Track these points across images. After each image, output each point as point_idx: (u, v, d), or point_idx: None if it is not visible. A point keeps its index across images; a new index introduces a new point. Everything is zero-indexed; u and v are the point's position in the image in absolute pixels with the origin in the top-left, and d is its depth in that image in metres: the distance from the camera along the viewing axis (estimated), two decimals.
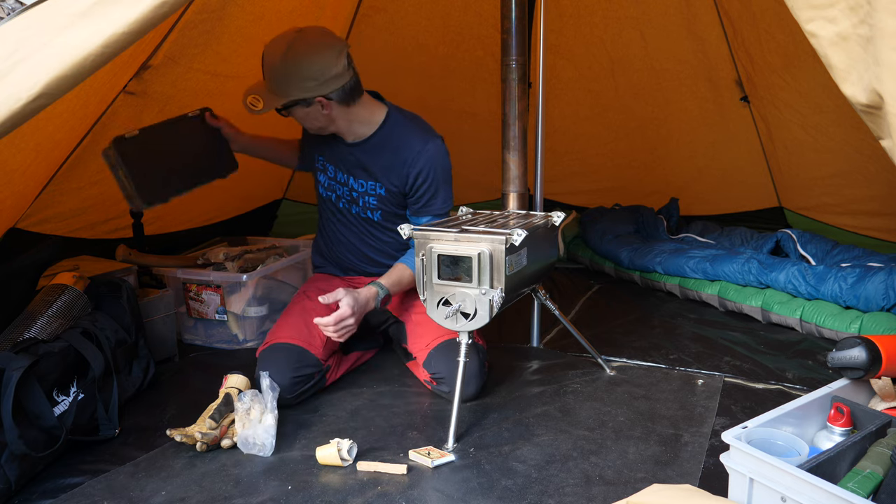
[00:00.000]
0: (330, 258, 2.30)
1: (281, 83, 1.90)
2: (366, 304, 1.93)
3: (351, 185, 2.11)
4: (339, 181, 2.13)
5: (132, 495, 1.55)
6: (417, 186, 2.03)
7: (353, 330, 1.92)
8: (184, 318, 2.53)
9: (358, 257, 2.22)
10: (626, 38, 3.48)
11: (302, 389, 1.95)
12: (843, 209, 3.23)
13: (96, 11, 1.18)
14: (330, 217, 2.22)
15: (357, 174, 2.09)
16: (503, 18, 2.16)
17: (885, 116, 1.03)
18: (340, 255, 2.25)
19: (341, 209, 2.17)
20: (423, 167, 2.00)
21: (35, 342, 1.69)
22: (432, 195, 2.05)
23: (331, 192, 2.16)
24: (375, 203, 2.10)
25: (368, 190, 2.09)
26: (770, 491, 1.20)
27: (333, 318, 1.85)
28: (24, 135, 1.82)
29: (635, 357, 2.30)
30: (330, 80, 1.90)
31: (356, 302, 1.88)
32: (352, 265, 2.25)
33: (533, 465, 1.63)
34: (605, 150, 3.96)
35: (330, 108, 1.95)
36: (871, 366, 1.44)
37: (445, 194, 2.06)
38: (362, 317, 1.94)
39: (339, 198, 2.15)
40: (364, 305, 1.92)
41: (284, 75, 1.88)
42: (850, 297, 2.38)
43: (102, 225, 2.82)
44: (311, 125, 2.03)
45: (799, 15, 1.10)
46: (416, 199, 2.06)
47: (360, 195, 2.11)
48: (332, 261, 2.29)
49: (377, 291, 1.96)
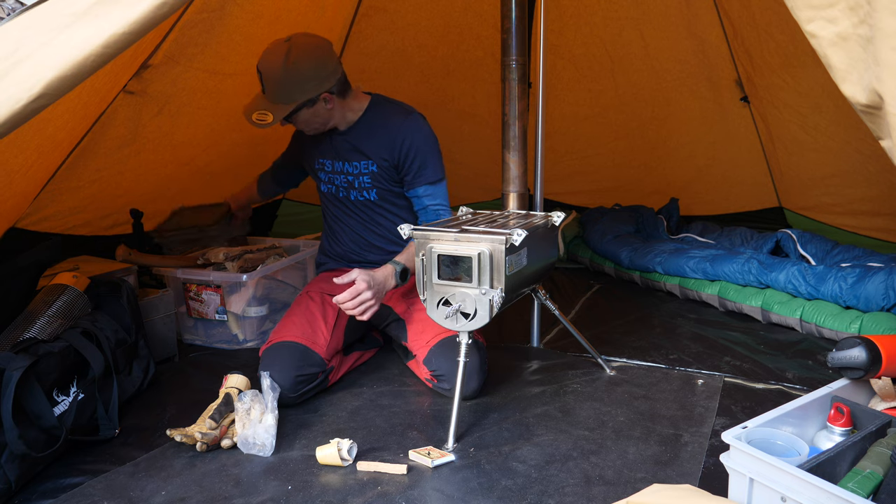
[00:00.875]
0: (333, 253, 2.34)
1: (285, 91, 1.98)
2: (384, 281, 1.97)
3: (346, 170, 2.19)
4: (336, 171, 2.21)
5: (132, 495, 1.55)
6: (405, 155, 2.10)
7: (375, 307, 1.94)
8: (184, 318, 2.53)
9: (360, 245, 2.27)
10: (626, 38, 3.48)
11: (305, 389, 1.95)
12: (843, 209, 3.23)
13: (96, 11, 1.18)
14: (332, 210, 2.29)
15: (350, 157, 2.17)
16: (503, 18, 2.16)
17: (885, 116, 1.03)
18: (343, 246, 2.30)
19: (341, 198, 2.24)
20: (406, 136, 2.09)
21: (35, 342, 1.69)
22: (422, 163, 2.11)
23: (331, 185, 2.25)
24: (370, 182, 2.17)
25: (362, 170, 2.17)
26: (770, 491, 1.20)
27: (349, 292, 1.88)
28: (26, 136, 1.82)
29: (635, 357, 2.30)
30: (329, 76, 2.02)
31: (372, 278, 1.92)
32: (355, 254, 2.28)
33: (533, 465, 1.63)
34: (605, 150, 3.96)
35: (332, 101, 2.06)
36: (871, 366, 1.44)
37: (435, 162, 2.14)
38: (383, 295, 1.98)
39: (339, 188, 2.23)
40: (382, 283, 1.96)
41: (288, 82, 1.97)
42: (850, 297, 2.38)
43: (101, 222, 2.82)
44: (313, 125, 2.10)
45: (799, 15, 1.10)
46: (407, 169, 2.12)
47: (355, 177, 2.18)
48: (336, 255, 2.33)
49: (393, 268, 2.00)
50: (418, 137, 2.10)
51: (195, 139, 2.92)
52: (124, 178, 2.74)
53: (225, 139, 3.07)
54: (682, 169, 3.84)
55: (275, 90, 1.98)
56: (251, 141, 3.19)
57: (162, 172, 2.91)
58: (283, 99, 1.98)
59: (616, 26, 3.45)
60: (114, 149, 2.57)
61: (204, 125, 2.89)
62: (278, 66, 1.95)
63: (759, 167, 3.59)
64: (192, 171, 3.04)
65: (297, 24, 2.81)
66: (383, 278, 1.97)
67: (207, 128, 2.93)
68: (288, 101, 1.98)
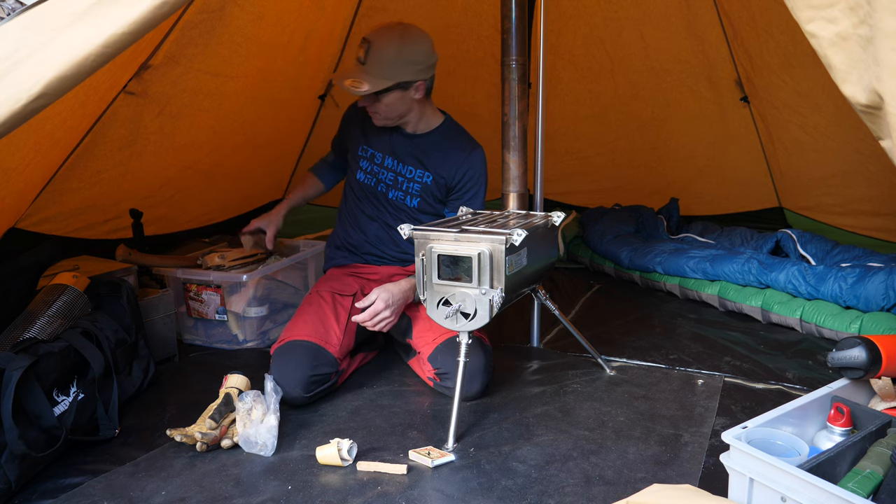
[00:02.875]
0: (348, 243, 2.34)
1: (392, 66, 2.02)
2: (403, 296, 2.02)
3: (399, 170, 2.22)
4: (385, 166, 2.23)
5: (132, 495, 1.55)
6: (464, 184, 2.18)
7: (392, 321, 2.02)
8: (184, 318, 2.53)
9: (381, 239, 2.28)
10: (626, 38, 3.48)
11: (318, 390, 1.95)
12: (843, 209, 3.23)
13: (96, 11, 1.18)
14: (363, 201, 2.29)
15: (408, 161, 2.21)
16: (503, 18, 2.16)
17: (885, 116, 1.03)
18: (363, 236, 2.30)
19: (379, 192, 2.25)
20: (470, 167, 2.17)
21: (35, 342, 1.69)
22: (473, 195, 2.19)
23: (372, 176, 2.25)
24: (419, 189, 2.21)
25: (416, 177, 2.21)
26: (770, 491, 1.20)
27: (369, 313, 1.96)
28: (23, 134, 1.81)
29: (635, 357, 2.30)
30: (430, 67, 2.11)
31: (391, 295, 1.99)
32: (373, 246, 2.29)
33: (533, 465, 1.63)
34: (605, 150, 3.96)
35: (421, 93, 2.11)
36: (871, 366, 1.44)
37: (483, 195, 2.22)
38: (401, 308, 2.05)
39: (380, 181, 2.24)
40: (401, 298, 2.02)
41: (398, 59, 2.02)
42: (850, 297, 2.38)
43: (102, 225, 2.82)
44: (393, 112, 2.12)
45: (799, 15, 1.10)
46: (458, 195, 2.20)
47: (406, 180, 2.22)
48: (351, 245, 2.33)
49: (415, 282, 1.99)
50: (478, 171, 2.18)
51: (197, 141, 2.92)
52: (125, 179, 2.73)
53: (227, 142, 3.07)
54: (682, 169, 3.84)
55: (381, 62, 2.01)
56: (253, 143, 3.20)
57: (163, 175, 2.90)
58: (386, 73, 2.01)
59: (616, 26, 3.45)
60: (115, 150, 2.57)
61: (206, 127, 2.89)
62: (393, 40, 2.01)
63: (759, 167, 3.59)
64: (194, 173, 3.04)
65: (298, 24, 2.81)
66: (401, 293, 2.02)
67: (209, 130, 2.93)
68: (390, 77, 2.01)
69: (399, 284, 2.04)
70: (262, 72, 2.85)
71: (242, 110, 3.00)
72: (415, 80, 2.07)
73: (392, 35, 2.03)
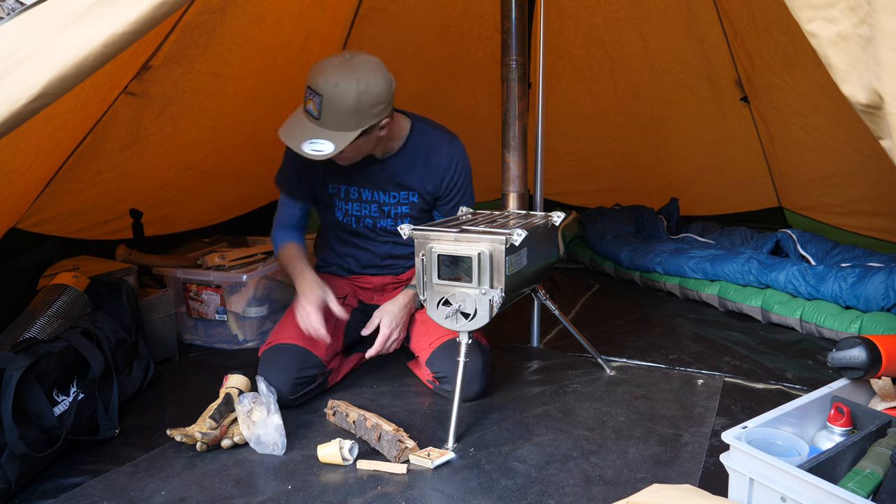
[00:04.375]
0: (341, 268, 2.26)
1: (354, 117, 1.78)
2: (403, 312, 2.02)
3: (381, 200, 2.09)
4: (365, 200, 2.09)
5: (132, 495, 1.55)
6: (451, 188, 2.09)
7: (402, 338, 2.04)
8: (184, 318, 2.53)
9: (374, 263, 2.22)
10: (626, 38, 3.48)
11: (304, 391, 1.95)
12: (843, 209, 3.23)
13: (96, 11, 1.18)
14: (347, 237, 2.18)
15: (387, 188, 2.07)
16: (503, 18, 2.16)
17: (885, 116, 1.03)
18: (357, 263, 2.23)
19: (364, 227, 2.13)
20: (454, 169, 2.07)
21: (35, 342, 1.69)
22: (462, 194, 2.12)
23: (351, 216, 2.12)
24: (407, 210, 2.12)
25: (401, 200, 2.10)
26: (770, 491, 1.20)
27: (378, 344, 1.97)
28: (24, 135, 1.82)
29: (635, 357, 2.30)
30: (391, 97, 1.85)
31: (393, 317, 1.99)
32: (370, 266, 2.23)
33: (533, 465, 1.63)
34: (606, 150, 3.96)
35: (388, 126, 1.89)
36: (871, 366, 1.44)
37: (472, 191, 2.15)
38: (408, 320, 2.05)
39: (364, 217, 2.11)
40: (403, 314, 2.02)
41: (358, 107, 1.77)
42: (850, 297, 2.38)
43: (103, 226, 2.82)
44: (359, 154, 1.93)
45: (799, 15, 1.10)
46: (448, 199, 2.11)
47: (391, 207, 2.10)
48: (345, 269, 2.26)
49: (415, 292, 2.02)
50: (461, 169, 2.07)
51: (197, 142, 2.92)
52: (125, 180, 2.73)
53: (228, 142, 3.07)
54: (682, 169, 3.84)
55: (339, 115, 1.76)
56: (254, 144, 3.20)
57: (164, 175, 2.91)
58: (348, 125, 1.77)
59: (616, 26, 3.45)
60: (115, 150, 2.57)
61: (206, 128, 2.89)
62: (349, 87, 1.74)
63: (759, 167, 3.59)
64: (194, 174, 3.04)
65: (299, 25, 2.81)
66: (401, 310, 2.01)
67: (210, 131, 2.93)
68: (352, 128, 1.78)
69: (397, 302, 2.02)
70: (262, 72, 2.85)
71: (243, 111, 3.00)
72: (380, 121, 1.83)
73: (345, 80, 1.74)
